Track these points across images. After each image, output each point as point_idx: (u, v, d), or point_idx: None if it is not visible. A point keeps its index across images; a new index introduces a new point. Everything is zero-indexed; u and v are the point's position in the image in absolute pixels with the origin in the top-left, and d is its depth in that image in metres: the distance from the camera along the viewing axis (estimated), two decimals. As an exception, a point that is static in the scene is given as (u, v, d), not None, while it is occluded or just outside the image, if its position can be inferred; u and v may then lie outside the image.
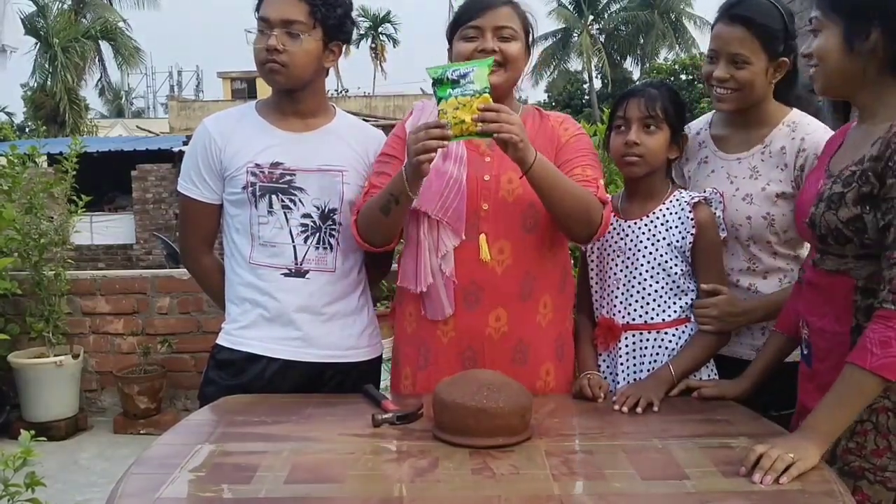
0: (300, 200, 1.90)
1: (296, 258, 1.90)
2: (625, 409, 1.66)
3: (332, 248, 1.93)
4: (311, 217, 1.91)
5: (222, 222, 2.00)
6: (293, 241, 1.90)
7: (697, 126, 2.06)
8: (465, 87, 1.58)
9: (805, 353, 1.61)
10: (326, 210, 1.92)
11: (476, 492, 1.28)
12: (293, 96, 1.93)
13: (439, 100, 1.59)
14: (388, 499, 1.26)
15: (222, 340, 1.95)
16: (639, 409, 1.66)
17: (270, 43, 1.82)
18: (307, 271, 1.91)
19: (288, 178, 1.89)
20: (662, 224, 1.84)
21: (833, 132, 1.73)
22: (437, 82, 1.60)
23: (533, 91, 37.89)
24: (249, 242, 1.91)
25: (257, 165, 1.89)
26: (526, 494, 1.27)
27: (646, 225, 1.86)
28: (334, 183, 1.92)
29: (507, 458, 1.41)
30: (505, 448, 1.45)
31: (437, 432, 1.50)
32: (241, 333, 1.92)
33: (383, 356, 2.08)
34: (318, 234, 1.91)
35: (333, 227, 1.92)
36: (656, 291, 1.84)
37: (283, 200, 1.89)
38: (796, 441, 1.36)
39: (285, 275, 1.90)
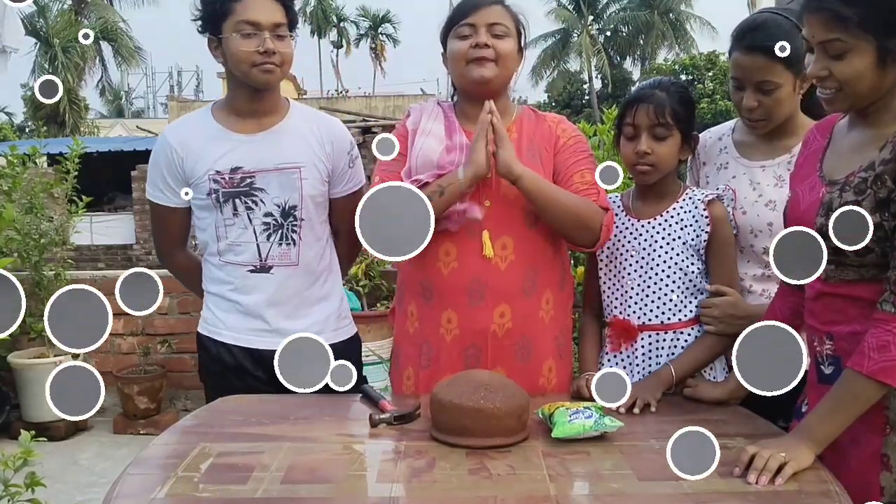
0: (261, 200, 1.97)
1: (260, 255, 1.98)
2: (622, 409, 1.65)
3: (294, 243, 1.99)
4: (273, 215, 1.97)
5: (193, 221, 2.07)
6: (257, 240, 1.98)
7: (720, 131, 2.04)
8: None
9: (829, 372, 1.45)
10: (287, 207, 1.98)
11: (473, 492, 1.29)
12: (260, 95, 1.97)
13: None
14: (384, 499, 1.27)
15: (201, 328, 2.06)
16: (636, 410, 1.65)
17: (268, 46, 1.88)
18: (271, 267, 1.99)
19: (248, 180, 1.96)
20: (677, 223, 1.83)
21: None
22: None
23: (533, 91, 37.88)
24: (216, 242, 1.99)
25: (218, 172, 1.95)
26: (523, 495, 1.28)
27: (660, 224, 1.84)
28: (292, 180, 1.97)
29: (503, 459, 1.41)
30: (502, 448, 1.45)
31: (435, 432, 1.51)
32: (215, 323, 2.03)
33: (383, 356, 2.09)
34: (280, 231, 1.98)
35: (295, 223, 1.99)
36: (672, 292, 1.82)
37: (246, 203, 1.96)
38: (789, 442, 1.36)
39: (251, 271, 1.99)
